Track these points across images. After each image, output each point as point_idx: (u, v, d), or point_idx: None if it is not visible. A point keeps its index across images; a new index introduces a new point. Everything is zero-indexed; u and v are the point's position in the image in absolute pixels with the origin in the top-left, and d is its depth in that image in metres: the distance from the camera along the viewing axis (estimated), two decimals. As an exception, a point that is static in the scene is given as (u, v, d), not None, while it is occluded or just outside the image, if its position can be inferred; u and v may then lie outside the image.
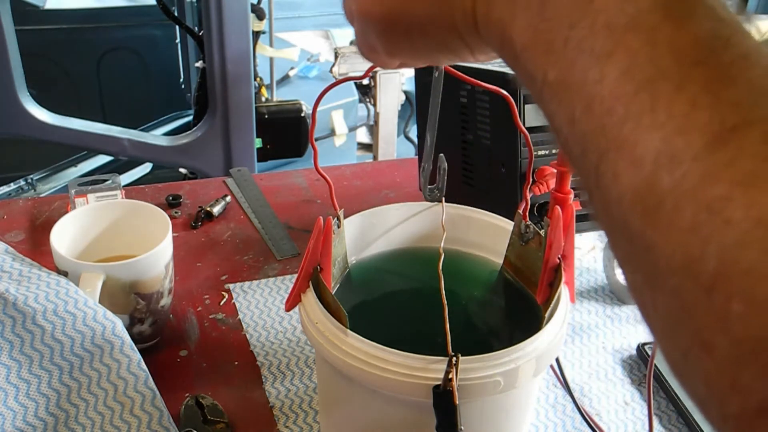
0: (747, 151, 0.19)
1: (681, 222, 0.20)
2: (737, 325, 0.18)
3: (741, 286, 0.18)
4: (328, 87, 0.46)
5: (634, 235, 0.21)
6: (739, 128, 0.19)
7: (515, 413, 0.45)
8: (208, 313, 0.70)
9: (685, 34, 0.21)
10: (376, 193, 0.93)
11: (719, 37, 0.21)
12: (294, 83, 2.56)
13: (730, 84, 0.20)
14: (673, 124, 0.20)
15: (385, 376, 0.39)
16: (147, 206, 0.65)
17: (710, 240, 0.19)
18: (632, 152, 0.21)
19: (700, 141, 0.20)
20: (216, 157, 1.76)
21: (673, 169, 0.20)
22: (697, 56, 0.21)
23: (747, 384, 0.18)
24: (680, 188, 0.20)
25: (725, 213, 0.19)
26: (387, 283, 0.55)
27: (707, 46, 0.21)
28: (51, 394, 0.52)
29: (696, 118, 0.20)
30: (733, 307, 0.18)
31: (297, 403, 0.59)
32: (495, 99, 0.68)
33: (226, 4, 1.59)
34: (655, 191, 0.20)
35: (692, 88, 0.20)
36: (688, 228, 0.19)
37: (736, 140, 0.19)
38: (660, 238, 0.20)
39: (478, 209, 0.55)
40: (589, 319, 0.71)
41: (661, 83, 0.21)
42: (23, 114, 1.63)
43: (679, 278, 0.20)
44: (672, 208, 0.20)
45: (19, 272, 0.56)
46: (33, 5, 2.46)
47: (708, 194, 0.19)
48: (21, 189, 2.11)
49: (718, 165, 0.19)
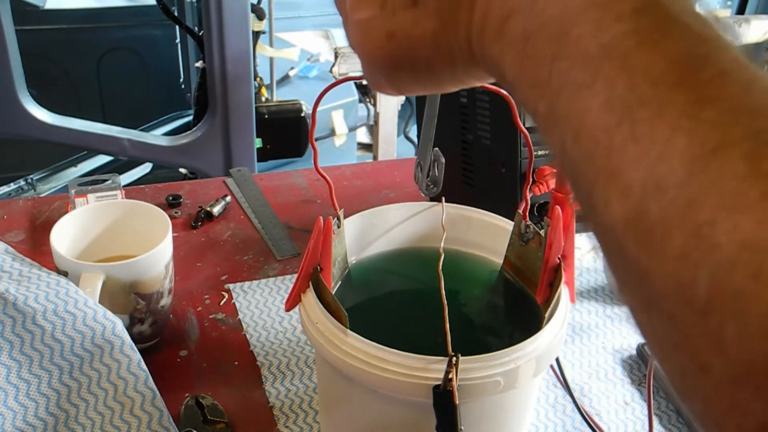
0: (728, 173, 0.19)
1: (672, 249, 0.20)
2: (732, 347, 0.19)
3: (732, 309, 0.18)
4: (328, 87, 0.46)
5: (629, 262, 0.22)
6: (719, 149, 0.19)
7: (515, 413, 0.45)
8: (208, 313, 0.70)
9: (660, 57, 0.21)
10: (376, 193, 0.93)
11: (696, 55, 0.21)
12: (294, 83, 2.56)
13: (709, 104, 0.20)
14: (656, 151, 0.20)
15: (385, 376, 0.39)
16: (147, 206, 0.65)
17: (700, 265, 0.19)
18: (620, 181, 0.21)
19: (683, 167, 0.20)
20: (216, 157, 1.76)
21: (659, 197, 0.20)
22: (673, 79, 0.21)
23: (745, 405, 0.19)
24: (668, 216, 0.20)
25: (713, 238, 0.19)
26: (387, 283, 0.55)
27: (684, 66, 0.21)
28: (51, 394, 0.52)
29: (677, 143, 0.20)
30: (727, 329, 0.19)
31: (297, 403, 0.59)
32: (495, 99, 0.68)
33: (226, 4, 1.59)
34: (645, 220, 0.21)
35: (671, 112, 0.21)
36: (679, 254, 0.20)
37: (717, 162, 0.19)
38: (653, 265, 0.21)
39: (478, 209, 0.55)
40: (589, 319, 0.71)
41: (641, 110, 0.21)
42: (23, 114, 1.63)
43: (673, 303, 0.20)
44: (662, 235, 0.20)
45: (19, 272, 0.56)
46: (33, 5, 2.46)
47: (694, 220, 0.19)
48: (21, 189, 2.11)
49: (701, 189, 0.19)
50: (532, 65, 0.25)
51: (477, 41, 0.28)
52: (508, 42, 0.26)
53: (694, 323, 0.20)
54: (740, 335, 0.18)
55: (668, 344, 0.21)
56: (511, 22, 0.26)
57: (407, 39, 0.30)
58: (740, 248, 0.18)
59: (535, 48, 0.25)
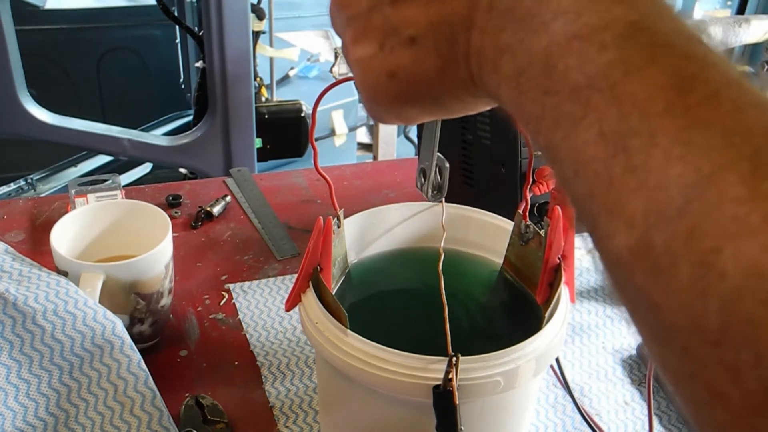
0: (727, 197, 0.19)
1: (680, 280, 0.19)
2: (748, 376, 0.18)
3: (745, 337, 0.18)
4: (328, 87, 0.46)
5: (638, 294, 0.21)
6: (715, 174, 0.19)
7: (515, 413, 0.45)
8: (208, 313, 0.70)
9: (647, 85, 0.21)
10: (376, 193, 0.93)
11: (683, 78, 0.21)
12: (294, 83, 2.56)
13: (701, 128, 0.20)
14: (653, 180, 0.20)
15: (385, 376, 0.39)
16: (147, 206, 0.65)
17: (709, 295, 0.19)
18: (622, 213, 0.21)
19: (680, 195, 0.20)
20: (216, 157, 1.76)
21: (663, 228, 0.20)
22: (662, 105, 0.21)
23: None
24: (673, 246, 0.20)
25: (718, 266, 0.19)
26: (387, 283, 0.55)
27: (672, 91, 0.21)
28: (51, 394, 0.52)
29: (672, 170, 0.20)
30: (742, 358, 0.18)
31: (297, 403, 0.59)
32: None
33: (226, 4, 1.59)
34: (650, 251, 0.20)
35: (663, 140, 0.20)
36: (688, 285, 0.19)
37: (714, 187, 0.19)
38: (663, 297, 0.20)
39: (478, 209, 0.55)
40: (589, 319, 0.71)
41: (633, 140, 0.21)
42: (23, 114, 1.63)
43: (686, 335, 0.20)
44: (669, 266, 0.20)
45: (19, 272, 0.56)
46: (33, 5, 2.46)
47: (698, 249, 0.19)
48: (21, 189, 2.11)
49: (701, 217, 0.19)
50: (527, 101, 0.25)
51: (477, 76, 0.28)
52: (504, 78, 0.26)
53: (709, 354, 0.19)
54: (756, 364, 0.18)
55: (683, 374, 0.21)
56: (504, 59, 0.26)
57: (410, 77, 0.30)
58: (746, 276, 0.18)
59: (529, 83, 0.25)
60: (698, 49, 0.22)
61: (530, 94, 0.25)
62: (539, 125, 0.25)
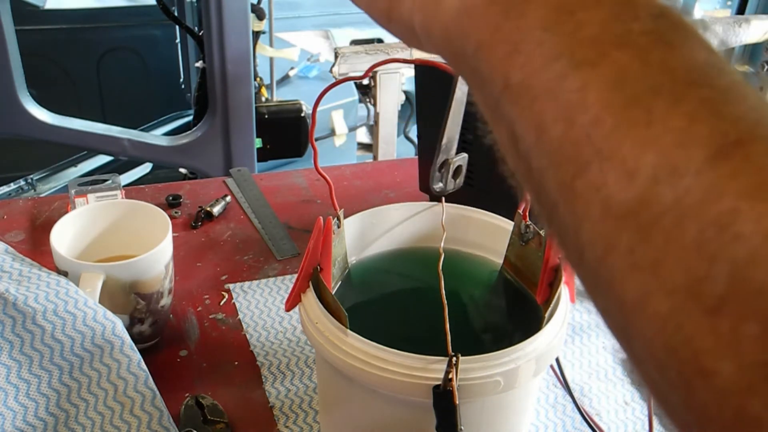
0: (753, 164, 0.18)
1: (683, 239, 0.18)
2: (749, 349, 0.17)
3: (754, 306, 0.17)
4: (328, 87, 0.46)
5: (621, 254, 0.20)
6: (743, 142, 0.18)
7: (515, 413, 0.45)
8: (208, 313, 0.70)
9: (679, 57, 0.20)
10: (376, 193, 0.93)
11: (712, 65, 0.20)
12: (294, 83, 2.56)
13: (731, 103, 0.19)
14: (671, 137, 0.19)
15: (385, 376, 0.39)
16: (147, 206, 0.65)
17: (718, 258, 0.18)
18: (623, 165, 0.20)
19: (702, 154, 0.18)
20: (216, 157, 1.76)
21: (674, 184, 0.19)
22: (691, 78, 0.20)
23: (756, 415, 0.17)
24: (682, 203, 0.18)
25: (734, 228, 0.17)
26: (387, 283, 0.55)
27: (701, 70, 0.20)
28: (51, 394, 0.52)
29: (696, 131, 0.19)
30: (745, 329, 0.17)
31: (297, 403, 0.59)
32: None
33: (226, 4, 1.59)
34: (651, 206, 0.19)
35: (689, 104, 0.19)
36: (693, 245, 0.18)
37: (740, 153, 0.18)
38: (657, 255, 0.19)
39: (478, 209, 0.55)
40: (589, 319, 0.71)
41: (655, 98, 0.20)
42: (23, 114, 1.63)
43: (678, 299, 0.18)
44: (672, 224, 0.19)
45: (19, 272, 0.56)
46: (33, 5, 2.46)
47: (714, 209, 0.18)
48: (21, 189, 2.11)
49: (723, 178, 0.18)
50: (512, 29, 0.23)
51: None
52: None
53: (701, 324, 0.18)
54: (760, 336, 0.17)
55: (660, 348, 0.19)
56: None
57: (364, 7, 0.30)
58: (765, 239, 0.17)
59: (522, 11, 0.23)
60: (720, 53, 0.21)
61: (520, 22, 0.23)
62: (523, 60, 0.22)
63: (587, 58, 0.21)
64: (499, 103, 0.24)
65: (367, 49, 1.72)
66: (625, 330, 0.21)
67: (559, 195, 0.22)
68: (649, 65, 0.20)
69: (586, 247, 0.21)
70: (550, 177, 0.22)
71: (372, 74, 1.91)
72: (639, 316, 0.20)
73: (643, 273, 0.19)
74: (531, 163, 0.23)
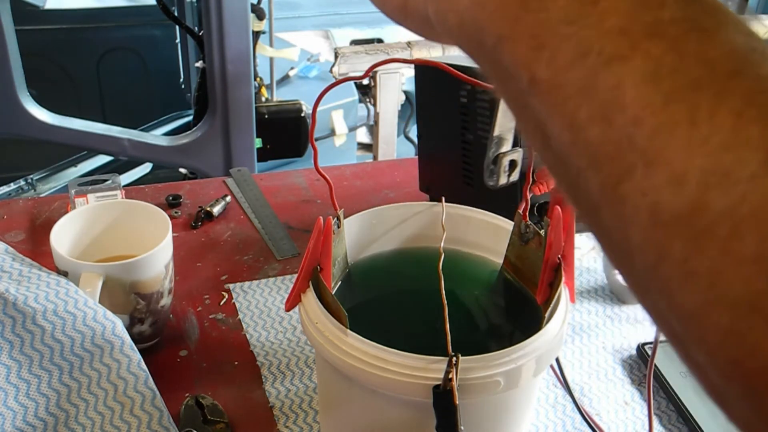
0: None
1: (742, 250, 0.17)
2: None
3: None
4: (328, 87, 0.46)
5: (675, 262, 0.19)
6: None
7: (515, 413, 0.45)
8: (208, 313, 0.70)
9: (716, 45, 0.19)
10: (376, 193, 0.93)
11: (754, 49, 0.19)
12: (294, 83, 2.56)
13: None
14: (719, 138, 0.18)
15: (385, 376, 0.39)
16: (147, 206, 0.65)
17: None
18: (670, 169, 0.19)
19: (755, 158, 0.17)
20: (216, 157, 1.76)
21: (727, 190, 0.17)
22: (732, 68, 0.19)
23: None
24: (739, 212, 0.17)
25: None
26: (387, 283, 0.55)
27: (742, 58, 0.19)
28: (51, 394, 0.52)
29: (745, 131, 0.18)
30: None
31: (297, 403, 0.59)
32: (495, 99, 0.68)
33: (226, 4, 1.59)
34: (704, 214, 0.18)
35: (733, 99, 0.18)
36: (752, 257, 0.17)
37: None
38: (714, 266, 0.18)
39: (478, 209, 0.55)
40: (589, 319, 0.71)
41: (695, 93, 0.19)
42: (23, 114, 1.63)
43: (739, 312, 0.17)
44: (729, 234, 0.17)
45: (19, 272, 0.56)
46: (33, 5, 2.46)
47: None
48: (21, 189, 2.11)
49: None
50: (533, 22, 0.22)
51: None
52: None
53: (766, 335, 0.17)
54: None
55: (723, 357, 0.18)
56: None
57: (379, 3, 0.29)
58: None
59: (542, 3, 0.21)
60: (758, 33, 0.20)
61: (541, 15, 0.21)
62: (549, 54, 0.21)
63: (618, 52, 0.20)
64: (526, 98, 0.23)
65: (367, 49, 1.72)
66: (683, 337, 0.20)
67: (602, 197, 0.21)
68: (685, 57, 0.19)
69: (636, 253, 0.20)
70: (590, 178, 0.21)
71: (372, 74, 1.91)
72: (698, 326, 0.19)
73: (700, 284, 0.18)
74: (567, 162, 0.22)
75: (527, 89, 0.22)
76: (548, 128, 0.22)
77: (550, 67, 0.21)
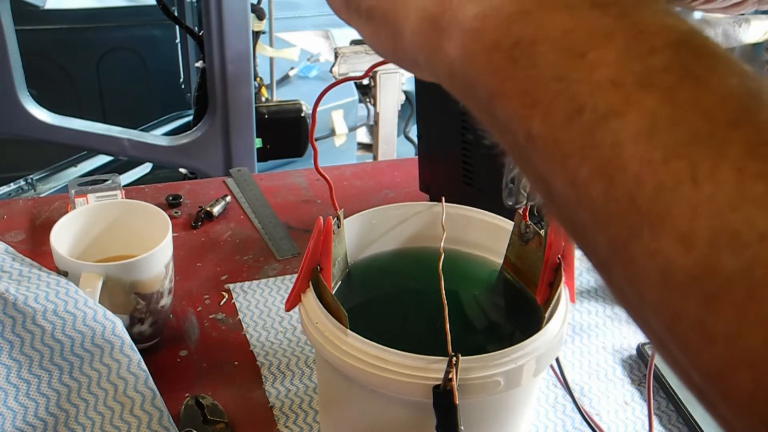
0: None
1: (759, 312, 0.17)
2: None
3: None
4: (328, 87, 0.46)
5: (691, 324, 0.18)
6: None
7: (515, 413, 0.45)
8: (208, 313, 0.70)
9: (711, 93, 0.19)
10: (376, 193, 0.93)
11: (749, 92, 0.19)
12: (294, 83, 2.56)
13: None
14: (723, 196, 0.17)
15: (385, 376, 0.39)
16: (147, 206, 0.65)
17: None
18: (676, 230, 0.18)
19: (763, 217, 0.17)
20: (216, 157, 1.76)
21: (737, 252, 0.17)
22: (729, 116, 0.18)
23: None
24: (752, 275, 0.17)
25: None
26: (387, 283, 0.55)
27: (739, 104, 0.18)
28: (51, 394, 0.52)
29: (749, 189, 0.17)
30: None
31: (297, 403, 0.59)
32: None
33: (226, 4, 1.59)
34: (716, 276, 0.17)
35: (734, 152, 0.18)
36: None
37: None
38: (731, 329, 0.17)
39: (478, 209, 0.55)
40: (589, 319, 0.71)
41: (695, 148, 0.18)
42: (23, 114, 1.63)
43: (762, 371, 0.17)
44: (744, 296, 0.17)
45: (19, 272, 0.56)
46: (33, 5, 2.46)
47: None
48: (21, 189, 2.11)
49: None
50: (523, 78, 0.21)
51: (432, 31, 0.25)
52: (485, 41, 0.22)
53: None
54: None
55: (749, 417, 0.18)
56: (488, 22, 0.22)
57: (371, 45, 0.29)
58: None
59: (530, 60, 0.21)
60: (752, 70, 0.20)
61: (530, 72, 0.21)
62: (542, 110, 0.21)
63: (613, 108, 0.19)
64: (526, 152, 0.22)
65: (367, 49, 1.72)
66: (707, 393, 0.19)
67: (612, 256, 0.20)
68: (680, 108, 0.19)
69: (650, 313, 0.20)
70: (597, 235, 0.21)
71: (372, 74, 1.91)
72: (722, 386, 0.18)
73: (719, 346, 0.18)
74: (573, 218, 0.21)
75: (525, 144, 0.22)
76: (550, 183, 0.22)
77: (545, 124, 0.21)
